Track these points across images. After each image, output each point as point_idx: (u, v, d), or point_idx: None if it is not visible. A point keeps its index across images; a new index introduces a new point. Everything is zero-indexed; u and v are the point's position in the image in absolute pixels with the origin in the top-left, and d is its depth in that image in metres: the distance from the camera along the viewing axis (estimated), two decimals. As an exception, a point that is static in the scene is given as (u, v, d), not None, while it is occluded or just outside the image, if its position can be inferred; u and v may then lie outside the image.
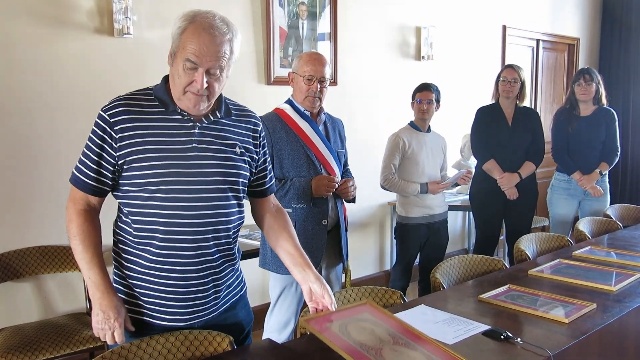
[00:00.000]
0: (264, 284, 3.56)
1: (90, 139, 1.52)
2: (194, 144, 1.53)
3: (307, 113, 2.43)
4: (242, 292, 1.75)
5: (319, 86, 2.36)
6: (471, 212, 4.49)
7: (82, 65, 2.81)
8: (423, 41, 4.51)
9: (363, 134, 4.05)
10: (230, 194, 1.59)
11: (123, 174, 1.51)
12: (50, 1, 2.70)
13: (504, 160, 3.48)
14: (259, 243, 2.94)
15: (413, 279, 3.41)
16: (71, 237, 1.54)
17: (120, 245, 1.59)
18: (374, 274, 4.36)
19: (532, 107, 5.65)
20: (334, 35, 3.85)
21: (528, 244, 2.79)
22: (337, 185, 2.36)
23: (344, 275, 2.65)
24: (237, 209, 1.63)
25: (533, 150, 3.53)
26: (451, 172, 3.66)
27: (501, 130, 3.51)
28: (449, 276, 2.35)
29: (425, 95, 3.18)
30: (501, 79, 3.53)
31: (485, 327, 1.71)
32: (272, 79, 3.52)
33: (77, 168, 1.55)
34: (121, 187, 1.54)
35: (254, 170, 1.69)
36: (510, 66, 3.55)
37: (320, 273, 2.48)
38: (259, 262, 2.51)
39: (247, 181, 1.65)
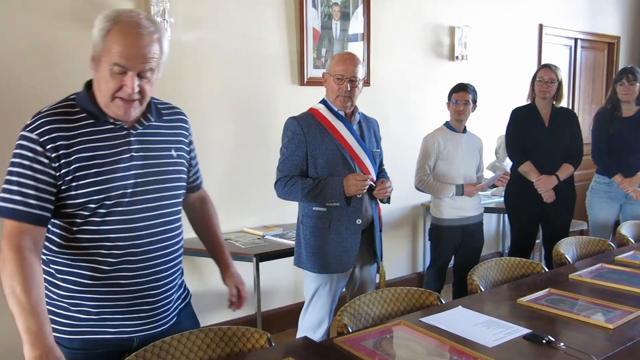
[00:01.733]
0: (297, 284, 3.58)
1: (18, 165, 1.35)
2: (131, 153, 1.44)
3: (342, 113, 2.42)
4: (187, 300, 1.69)
5: (349, 86, 2.36)
6: (506, 215, 4.41)
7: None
8: (457, 41, 4.46)
9: (396, 135, 4.02)
10: (174, 201, 1.54)
11: (60, 195, 1.38)
12: (91, 5, 2.77)
13: (541, 162, 3.40)
14: (292, 242, 2.96)
15: (447, 281, 3.37)
16: (5, 279, 1.29)
17: (52, 266, 1.45)
18: (406, 275, 4.33)
19: (570, 107, 5.52)
20: (367, 36, 3.84)
21: (567, 248, 2.72)
22: (368, 184, 2.34)
23: (378, 275, 2.63)
24: (181, 214, 1.60)
25: (571, 152, 3.44)
26: (487, 174, 3.60)
27: (538, 131, 3.43)
28: (485, 279, 2.31)
29: (462, 96, 3.14)
30: (537, 79, 3.45)
31: (526, 331, 1.67)
32: (305, 80, 3.53)
33: (8, 200, 1.34)
34: (57, 206, 1.40)
35: (187, 169, 1.64)
36: (547, 66, 3.47)
37: (354, 273, 2.49)
38: (294, 261, 2.51)
39: (185, 183, 1.62)
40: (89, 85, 1.46)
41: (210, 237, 1.80)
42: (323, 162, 2.36)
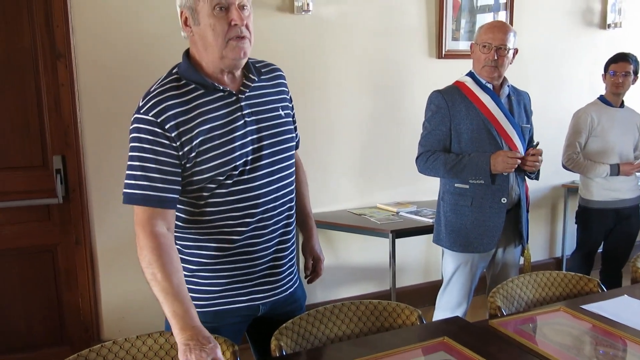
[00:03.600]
0: (428, 262, 3.53)
1: (138, 149, 1.32)
2: (245, 119, 1.39)
3: (489, 85, 2.30)
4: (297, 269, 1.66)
5: (495, 55, 2.22)
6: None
7: (263, 43, 2.94)
8: (610, 7, 4.03)
9: (540, 109, 3.74)
10: (289, 162, 1.49)
11: (185, 174, 1.36)
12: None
13: None
14: (426, 220, 2.91)
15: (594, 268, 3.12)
16: (145, 267, 1.29)
17: (179, 242, 1.44)
18: (542, 260, 4.08)
19: None
20: (510, 4, 3.60)
21: None
22: (519, 162, 2.21)
23: (522, 257, 2.50)
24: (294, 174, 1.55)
25: None
26: None
27: None
28: (652, 268, 2.10)
29: (622, 67, 2.86)
30: None
31: None
32: (443, 53, 3.40)
33: (136, 186, 1.32)
34: (182, 184, 1.38)
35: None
36: None
37: (496, 254, 2.38)
38: (433, 238, 2.46)
39: (295, 142, 1.56)
40: (187, 54, 1.42)
41: (299, 204, 1.67)
42: (467, 137, 2.26)
